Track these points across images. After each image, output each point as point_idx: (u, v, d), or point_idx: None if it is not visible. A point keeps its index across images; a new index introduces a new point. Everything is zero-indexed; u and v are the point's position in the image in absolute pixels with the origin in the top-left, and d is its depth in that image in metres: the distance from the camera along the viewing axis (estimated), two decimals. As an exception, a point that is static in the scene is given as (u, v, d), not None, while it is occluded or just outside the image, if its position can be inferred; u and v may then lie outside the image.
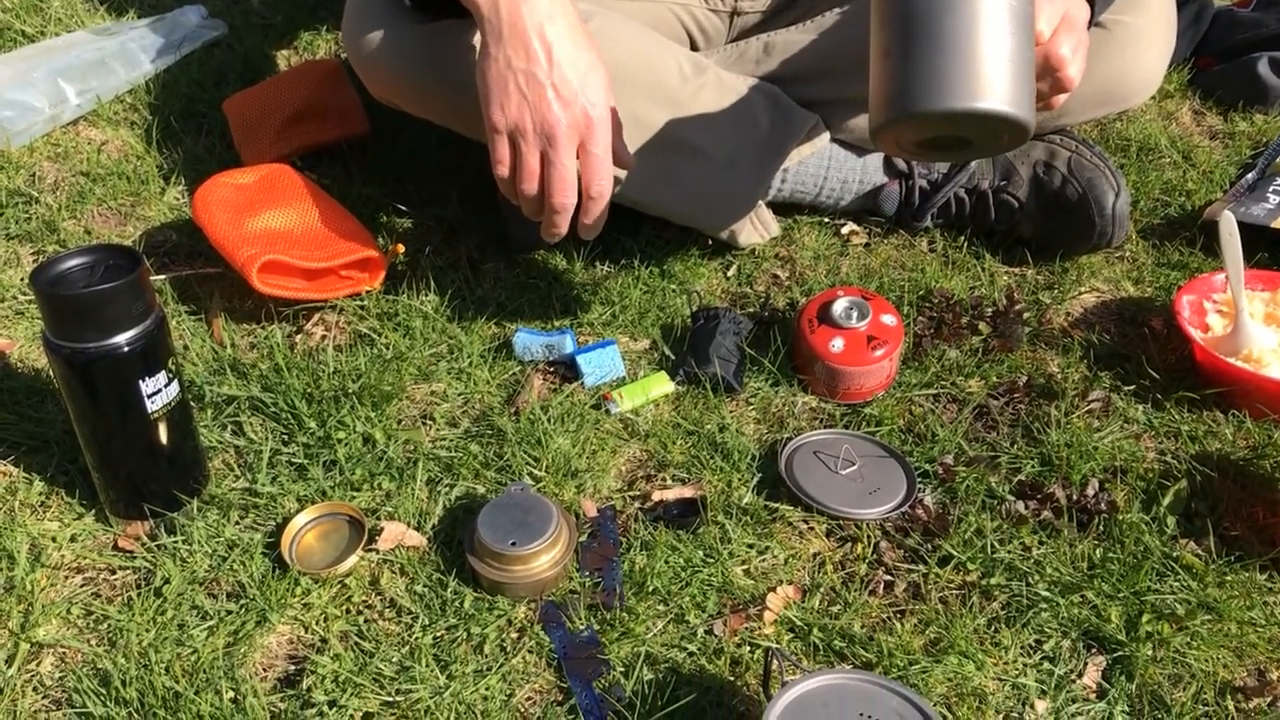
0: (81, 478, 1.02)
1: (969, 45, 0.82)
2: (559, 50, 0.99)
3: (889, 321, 1.15)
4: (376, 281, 1.24)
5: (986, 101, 0.83)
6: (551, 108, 0.99)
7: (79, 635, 0.91)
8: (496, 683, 0.87)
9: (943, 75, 0.83)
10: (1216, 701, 0.88)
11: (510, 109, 1.00)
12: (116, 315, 0.88)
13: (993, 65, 0.83)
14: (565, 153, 1.00)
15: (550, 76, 0.99)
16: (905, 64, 0.83)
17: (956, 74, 0.82)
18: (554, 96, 0.99)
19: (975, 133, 0.89)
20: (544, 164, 1.02)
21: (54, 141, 1.52)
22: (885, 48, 0.85)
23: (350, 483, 1.04)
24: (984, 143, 0.91)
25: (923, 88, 0.83)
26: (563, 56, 0.99)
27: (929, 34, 0.83)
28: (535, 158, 1.02)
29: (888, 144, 0.92)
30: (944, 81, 0.83)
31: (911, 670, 0.88)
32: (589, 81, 1.00)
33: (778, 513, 1.02)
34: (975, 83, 0.82)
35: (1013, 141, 0.89)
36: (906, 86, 0.84)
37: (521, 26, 0.99)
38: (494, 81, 1.00)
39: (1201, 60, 1.75)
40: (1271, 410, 1.11)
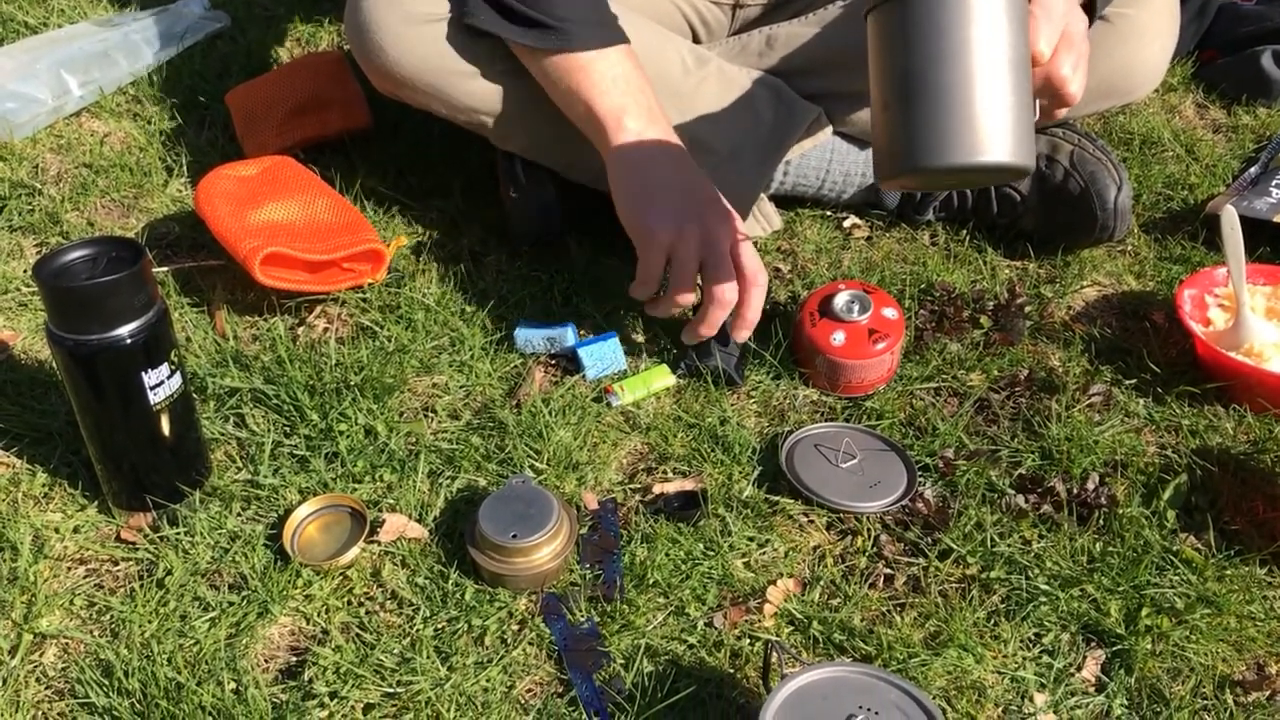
0: (84, 469, 1.02)
1: (966, 100, 0.83)
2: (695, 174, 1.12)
3: (890, 315, 1.15)
4: (379, 274, 1.24)
5: (988, 155, 0.83)
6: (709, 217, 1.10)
7: (82, 626, 0.91)
8: (497, 674, 0.88)
9: (943, 132, 0.83)
10: (1215, 695, 0.88)
11: (671, 222, 1.09)
12: (119, 307, 0.89)
13: (992, 117, 0.83)
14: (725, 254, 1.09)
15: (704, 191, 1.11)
16: (905, 120, 0.84)
17: (956, 130, 0.83)
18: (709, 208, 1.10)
19: (978, 178, 0.90)
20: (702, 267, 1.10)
21: (57, 133, 1.52)
22: (885, 101, 0.85)
23: (352, 475, 1.04)
24: (987, 180, 0.93)
25: (924, 144, 0.83)
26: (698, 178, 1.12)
27: (926, 90, 0.83)
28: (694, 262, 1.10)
29: (894, 187, 0.93)
30: (945, 138, 0.83)
31: (911, 663, 0.89)
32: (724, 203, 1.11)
33: (778, 506, 1.02)
34: (975, 137, 0.83)
35: (1016, 179, 0.92)
36: (909, 143, 0.84)
37: (671, 152, 1.12)
38: (648, 204, 1.10)
39: (1205, 54, 1.74)
40: (1272, 404, 1.11)
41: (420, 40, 1.15)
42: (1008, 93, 0.84)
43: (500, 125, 1.22)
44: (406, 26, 1.15)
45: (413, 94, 1.19)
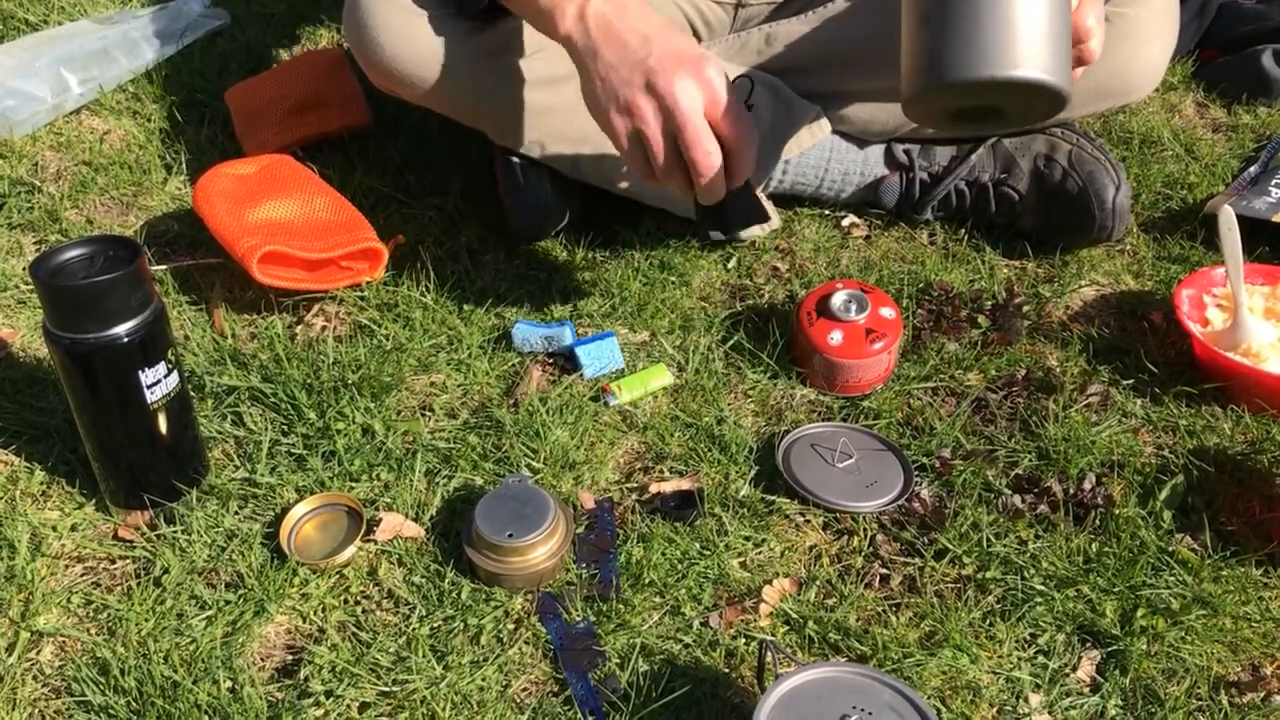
0: (82, 467, 1.02)
1: (1008, 12, 0.81)
2: (654, 35, 0.98)
3: (888, 314, 1.15)
4: (377, 272, 1.24)
5: (1025, 70, 0.81)
6: (660, 75, 0.96)
7: (79, 624, 0.91)
8: (493, 673, 0.88)
9: (982, 43, 0.81)
10: (1210, 696, 0.88)
11: (625, 103, 0.97)
12: (116, 306, 0.89)
13: (1031, 33, 0.81)
14: (691, 112, 0.96)
15: (652, 55, 0.96)
16: (943, 32, 0.82)
17: (996, 42, 0.81)
18: (660, 67, 0.96)
19: (1010, 102, 0.87)
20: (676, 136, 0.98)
21: (57, 131, 1.52)
22: (924, 14, 0.82)
23: (349, 473, 1.04)
24: (1017, 111, 0.89)
25: (962, 56, 0.82)
26: (659, 38, 0.97)
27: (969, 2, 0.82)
28: (658, 133, 0.98)
29: (919, 114, 0.90)
30: (983, 50, 0.81)
31: (906, 663, 0.89)
32: (691, 46, 0.98)
33: (775, 505, 1.02)
34: (1014, 51, 0.81)
35: (1048, 111, 0.88)
36: (945, 54, 0.82)
37: (612, 30, 0.98)
38: (601, 91, 0.99)
39: (1205, 53, 1.74)
40: (1270, 405, 1.11)
41: (417, 37, 1.15)
42: (1048, 12, 0.82)
43: (497, 121, 1.22)
44: (404, 23, 1.15)
45: (410, 91, 1.19)
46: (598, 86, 0.99)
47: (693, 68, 0.96)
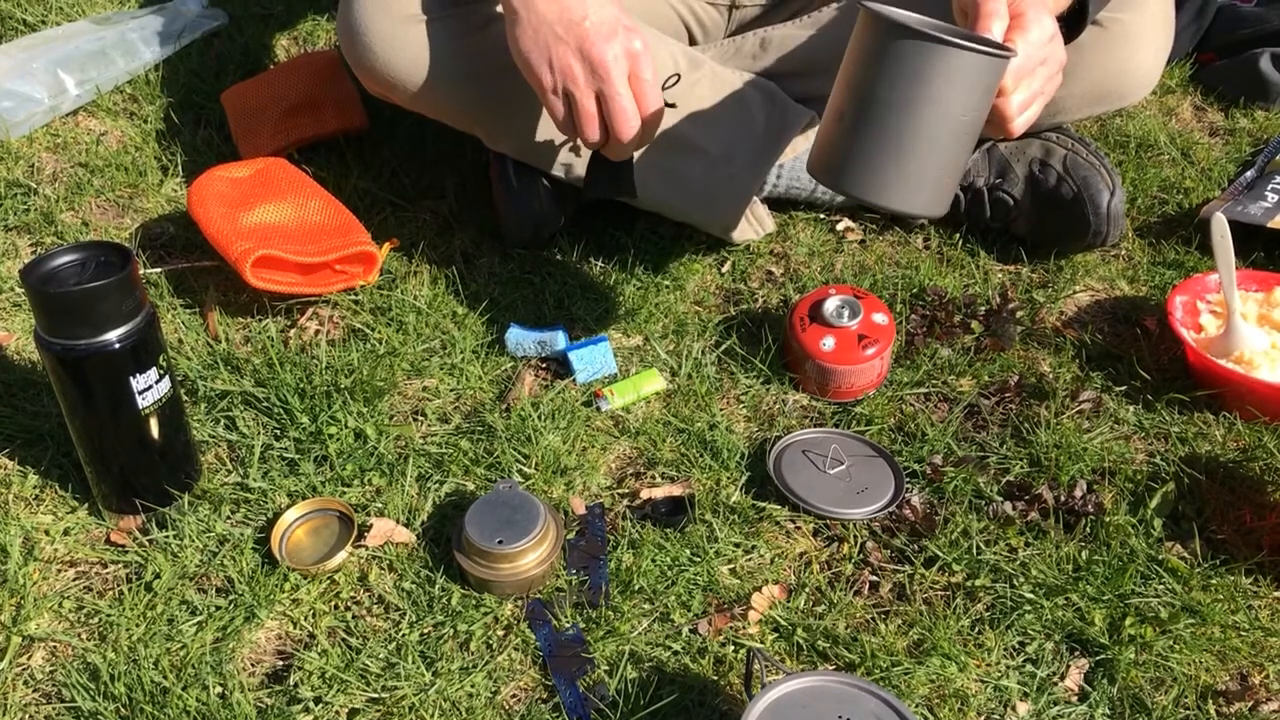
0: (75, 471, 1.03)
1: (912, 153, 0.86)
2: None
3: (880, 320, 1.15)
4: (371, 276, 1.25)
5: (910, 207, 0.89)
6: (595, 45, 1.00)
7: (70, 629, 0.92)
8: (482, 680, 0.88)
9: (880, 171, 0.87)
10: (1198, 705, 0.88)
11: (557, 64, 1.02)
12: (107, 312, 0.89)
13: (928, 175, 0.87)
14: (619, 82, 1.01)
15: (587, 17, 1.01)
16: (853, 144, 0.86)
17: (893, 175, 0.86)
18: (593, 32, 1.00)
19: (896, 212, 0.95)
20: (600, 102, 1.03)
21: (53, 132, 1.53)
22: (840, 111, 0.86)
23: (341, 478, 1.04)
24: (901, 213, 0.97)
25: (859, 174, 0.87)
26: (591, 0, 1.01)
27: (880, 125, 0.86)
28: (589, 98, 1.03)
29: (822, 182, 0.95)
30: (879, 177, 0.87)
31: (894, 671, 0.89)
32: (624, 17, 1.02)
33: (765, 512, 1.02)
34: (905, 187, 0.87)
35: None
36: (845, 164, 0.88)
37: None
38: (530, 43, 1.02)
39: (1203, 56, 1.74)
40: (1262, 412, 1.11)
41: (410, 43, 1.15)
42: (954, 156, 0.87)
43: (490, 126, 1.22)
44: (397, 29, 1.15)
45: (402, 96, 1.19)
46: (528, 35, 1.02)
47: (624, 38, 1.01)
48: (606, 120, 1.04)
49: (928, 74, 0.84)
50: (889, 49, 0.84)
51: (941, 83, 0.84)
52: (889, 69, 0.84)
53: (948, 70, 0.84)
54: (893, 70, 0.84)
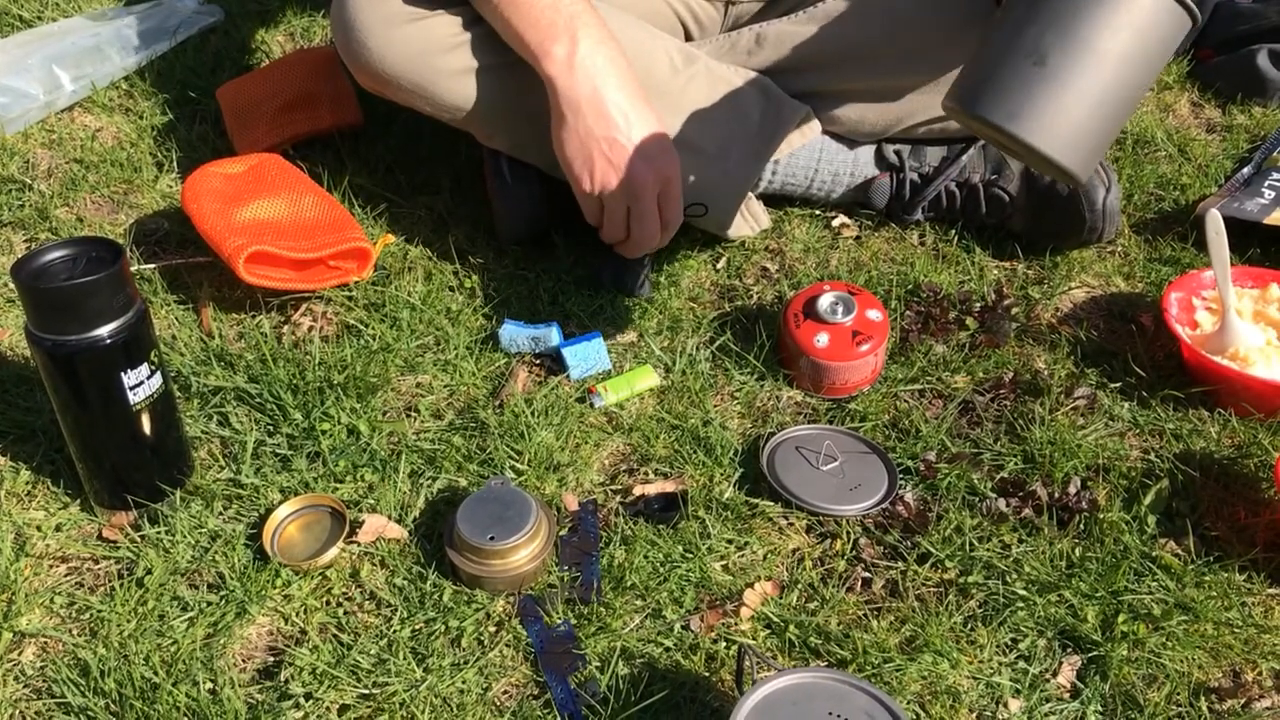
0: (67, 467, 1.03)
1: (1113, 110, 0.81)
2: (632, 113, 1.09)
3: (874, 316, 1.15)
4: (365, 272, 1.24)
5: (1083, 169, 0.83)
6: (634, 165, 1.09)
7: (61, 625, 0.91)
8: (473, 676, 0.88)
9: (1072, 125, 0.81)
10: (1190, 702, 0.88)
11: (597, 175, 1.10)
12: (98, 308, 0.89)
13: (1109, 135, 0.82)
14: (650, 203, 1.11)
15: (631, 139, 1.08)
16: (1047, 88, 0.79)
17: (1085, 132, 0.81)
18: (637, 156, 1.09)
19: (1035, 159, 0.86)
20: (630, 212, 1.13)
21: (49, 128, 1.52)
22: (1038, 53, 0.79)
23: (333, 474, 1.04)
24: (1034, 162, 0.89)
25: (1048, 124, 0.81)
26: (636, 119, 1.09)
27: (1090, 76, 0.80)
28: (622, 211, 1.12)
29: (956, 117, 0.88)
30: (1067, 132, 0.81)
31: (886, 668, 0.89)
32: (664, 140, 1.11)
33: (758, 508, 1.02)
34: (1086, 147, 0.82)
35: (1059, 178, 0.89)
36: (1033, 110, 0.81)
37: (599, 96, 1.08)
38: (576, 151, 1.10)
39: (1201, 52, 1.73)
40: (1257, 409, 1.11)
41: (404, 39, 1.15)
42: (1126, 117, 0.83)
43: (484, 123, 1.22)
44: (390, 25, 1.15)
45: (396, 92, 1.18)
46: (574, 142, 1.10)
47: (661, 161, 1.10)
48: (631, 228, 1.14)
49: (1156, 31, 0.79)
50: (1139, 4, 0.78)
51: (1164, 42, 0.80)
52: (1118, 19, 0.78)
53: (1175, 27, 0.79)
54: (1122, 20, 0.78)
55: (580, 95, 1.08)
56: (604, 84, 1.07)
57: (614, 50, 1.10)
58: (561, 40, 1.07)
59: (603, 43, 1.09)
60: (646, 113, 1.10)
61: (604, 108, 1.08)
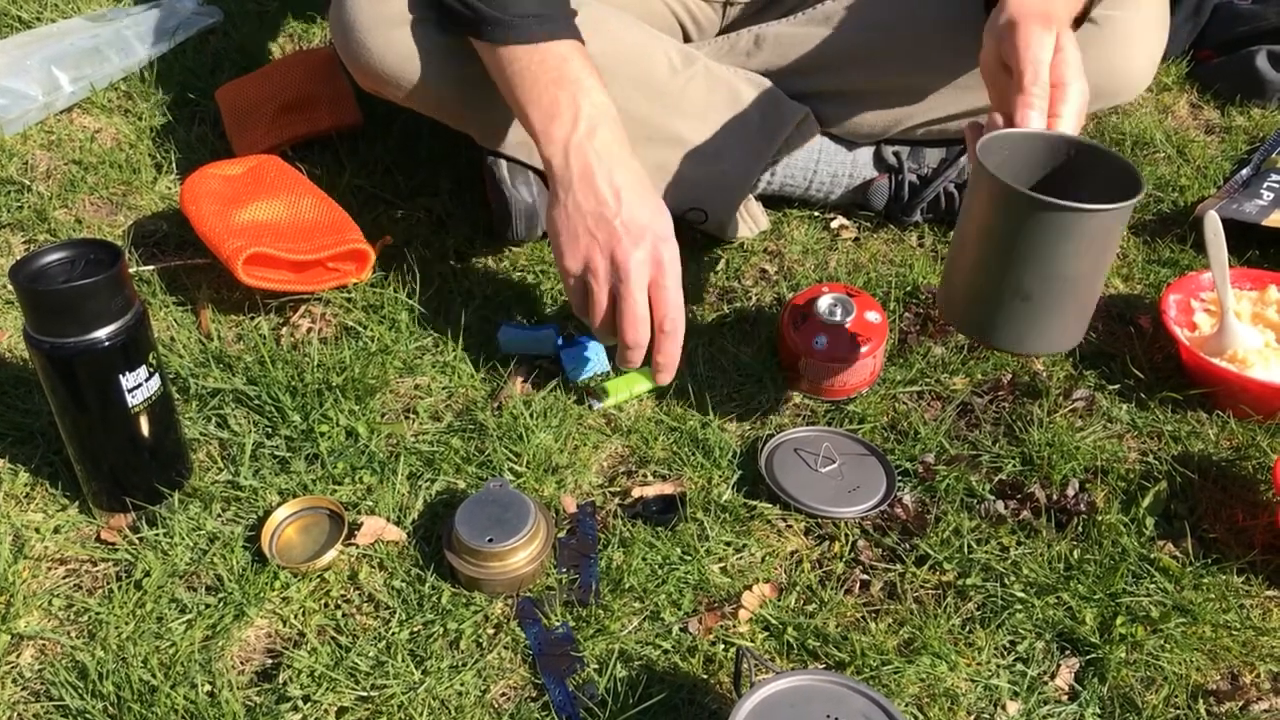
0: (66, 469, 1.03)
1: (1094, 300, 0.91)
2: (626, 193, 1.02)
3: (873, 318, 1.15)
4: (363, 274, 1.24)
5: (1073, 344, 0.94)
6: (621, 244, 1.01)
7: (59, 627, 0.91)
8: (471, 679, 0.88)
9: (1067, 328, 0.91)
10: (1188, 705, 0.88)
11: (579, 250, 1.02)
12: (96, 310, 0.89)
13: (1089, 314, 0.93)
14: (636, 288, 1.01)
15: (619, 216, 1.01)
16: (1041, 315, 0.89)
17: (1077, 324, 0.92)
18: (624, 234, 1.01)
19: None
20: (616, 300, 1.03)
21: (48, 129, 1.52)
22: (1024, 291, 0.88)
23: (332, 476, 1.04)
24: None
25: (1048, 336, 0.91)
26: (630, 198, 1.02)
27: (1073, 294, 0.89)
28: (604, 294, 1.03)
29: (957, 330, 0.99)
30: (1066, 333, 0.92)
31: (884, 671, 0.89)
32: (658, 221, 1.02)
33: (757, 510, 1.02)
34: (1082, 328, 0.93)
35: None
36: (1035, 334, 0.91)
37: (590, 174, 1.02)
38: (563, 227, 1.03)
39: (1201, 53, 1.74)
40: (1255, 411, 1.11)
41: (403, 39, 1.15)
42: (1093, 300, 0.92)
43: (483, 124, 1.22)
44: (389, 26, 1.15)
45: (396, 92, 1.18)
46: (561, 219, 1.03)
47: (652, 245, 1.01)
48: (619, 318, 1.03)
49: (1113, 233, 0.88)
50: (1082, 228, 0.85)
51: (1122, 227, 0.89)
52: (1085, 244, 0.86)
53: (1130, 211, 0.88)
54: (1088, 244, 0.86)
55: (573, 174, 1.03)
56: (598, 164, 1.02)
57: (614, 132, 1.05)
58: (562, 121, 1.03)
59: (603, 124, 1.04)
60: (644, 194, 1.03)
61: (595, 184, 1.02)
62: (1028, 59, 0.92)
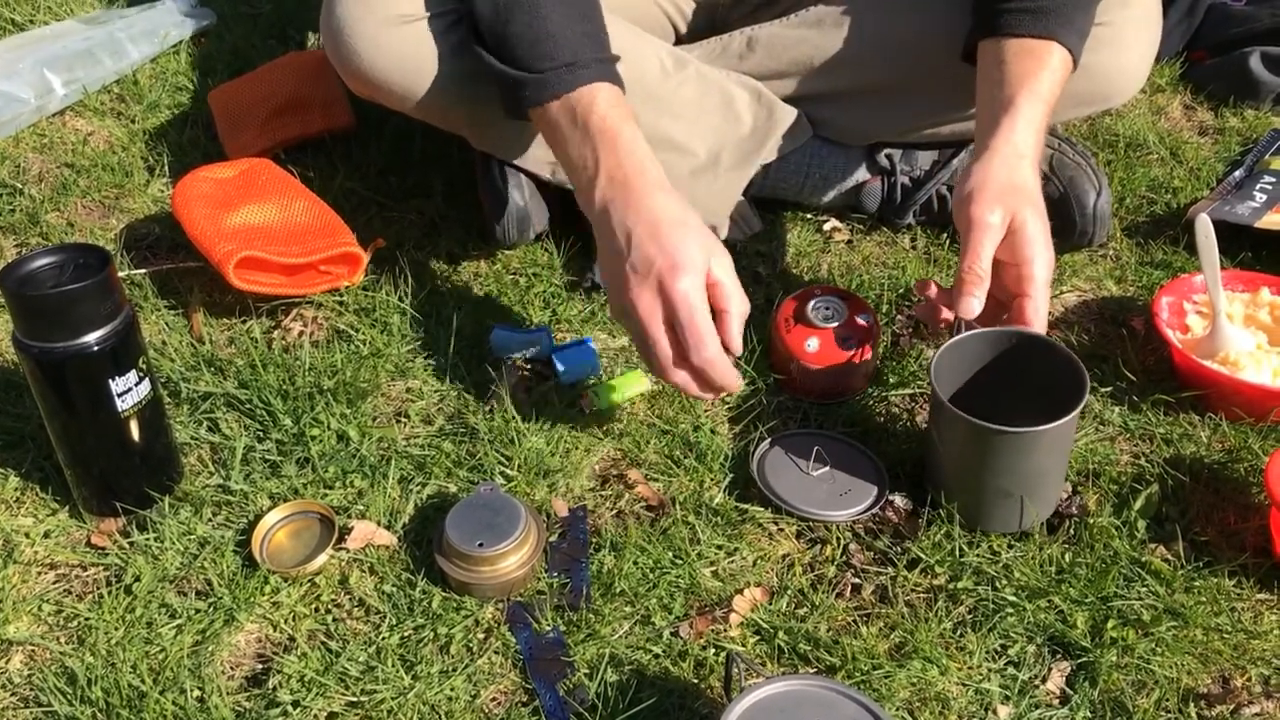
0: (56, 474, 1.02)
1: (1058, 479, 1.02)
2: (635, 236, 0.98)
3: (864, 321, 1.14)
4: (356, 277, 1.24)
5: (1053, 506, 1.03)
6: (630, 288, 0.97)
7: (49, 633, 0.91)
8: (461, 683, 0.88)
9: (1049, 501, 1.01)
10: (1179, 708, 0.88)
11: (613, 298, 1.01)
12: (85, 315, 0.89)
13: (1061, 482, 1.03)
14: (681, 304, 0.95)
15: (628, 260, 0.97)
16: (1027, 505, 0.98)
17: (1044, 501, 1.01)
18: (630, 276, 0.97)
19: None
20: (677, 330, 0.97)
21: (40, 132, 1.52)
22: (1006, 491, 0.97)
23: (323, 480, 1.04)
24: None
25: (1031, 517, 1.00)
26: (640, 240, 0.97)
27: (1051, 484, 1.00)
28: (659, 324, 0.97)
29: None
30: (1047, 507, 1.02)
31: (875, 675, 0.88)
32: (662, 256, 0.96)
33: (748, 514, 1.02)
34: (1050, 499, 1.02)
35: None
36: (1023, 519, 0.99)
37: (607, 223, 1.00)
38: (603, 279, 1.04)
39: (1194, 54, 1.73)
40: (1247, 413, 1.11)
41: (394, 43, 1.14)
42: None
43: (476, 128, 1.22)
44: (380, 29, 1.14)
45: (387, 97, 1.18)
46: (601, 271, 1.04)
47: (656, 280, 0.96)
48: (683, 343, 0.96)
49: (1073, 424, 0.99)
50: (1050, 438, 0.95)
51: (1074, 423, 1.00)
52: (1052, 445, 0.97)
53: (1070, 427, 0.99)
54: (1053, 445, 0.97)
55: (599, 227, 1.01)
56: (614, 212, 0.99)
57: (635, 175, 1.01)
58: (587, 173, 1.02)
59: (620, 171, 1.00)
60: (654, 233, 0.98)
61: (611, 234, 0.99)
62: (973, 250, 1.02)
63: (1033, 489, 0.98)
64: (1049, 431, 0.94)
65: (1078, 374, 0.98)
